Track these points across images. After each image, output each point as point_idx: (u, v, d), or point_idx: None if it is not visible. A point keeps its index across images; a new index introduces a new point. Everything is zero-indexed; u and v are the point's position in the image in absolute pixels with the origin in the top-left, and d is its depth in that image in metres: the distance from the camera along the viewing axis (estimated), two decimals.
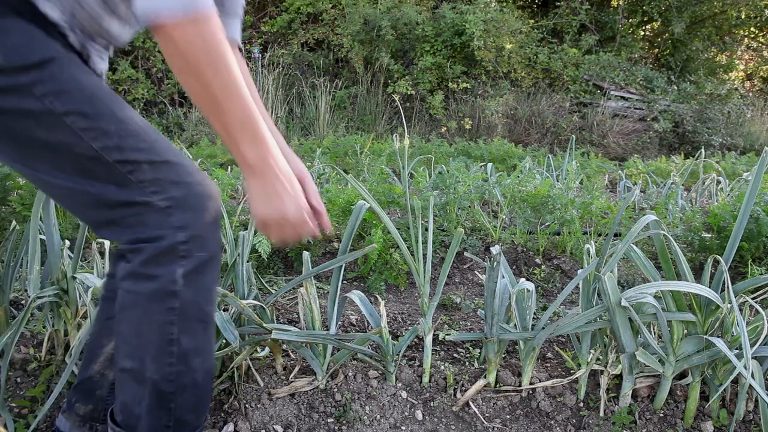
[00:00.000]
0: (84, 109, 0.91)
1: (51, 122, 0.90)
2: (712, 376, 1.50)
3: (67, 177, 0.94)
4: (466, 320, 2.12)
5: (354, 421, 1.47)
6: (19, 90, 0.88)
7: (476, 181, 3.16)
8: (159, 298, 0.98)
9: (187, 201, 0.96)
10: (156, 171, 0.94)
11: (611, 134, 7.82)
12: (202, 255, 0.98)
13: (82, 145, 0.91)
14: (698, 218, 2.74)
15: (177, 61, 0.88)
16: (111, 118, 0.93)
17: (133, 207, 0.95)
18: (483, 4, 8.03)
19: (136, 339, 1.01)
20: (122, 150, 0.93)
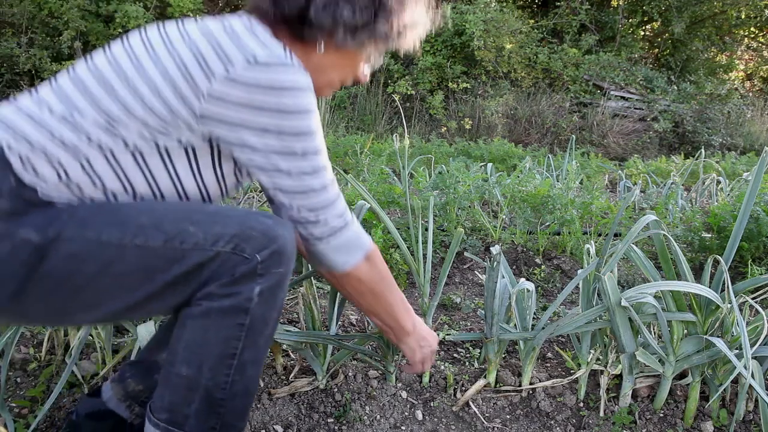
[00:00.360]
0: (111, 227, 0.92)
1: (93, 253, 0.91)
2: (712, 376, 1.49)
3: (135, 292, 0.96)
4: (466, 320, 2.12)
5: (354, 421, 1.47)
6: (53, 241, 0.90)
7: (476, 181, 3.16)
8: (231, 314, 1.00)
9: (246, 231, 0.97)
10: (204, 226, 0.96)
11: (611, 134, 7.82)
12: (279, 271, 1.01)
13: (128, 254, 0.92)
14: (698, 218, 2.74)
15: (363, 291, 1.15)
16: (137, 216, 0.95)
17: (206, 266, 0.97)
18: (483, 4, 8.03)
19: (198, 348, 1.02)
20: (164, 231, 0.94)
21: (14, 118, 0.94)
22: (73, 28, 7.45)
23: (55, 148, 0.93)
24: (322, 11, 1.00)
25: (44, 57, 7.45)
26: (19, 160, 0.91)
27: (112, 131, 0.95)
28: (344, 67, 1.13)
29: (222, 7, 9.58)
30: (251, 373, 1.08)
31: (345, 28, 1.02)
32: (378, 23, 1.05)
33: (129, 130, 0.95)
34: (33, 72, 7.55)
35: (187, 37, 0.97)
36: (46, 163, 0.92)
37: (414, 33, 1.13)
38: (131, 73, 0.95)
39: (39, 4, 7.61)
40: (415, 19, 1.12)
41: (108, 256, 0.92)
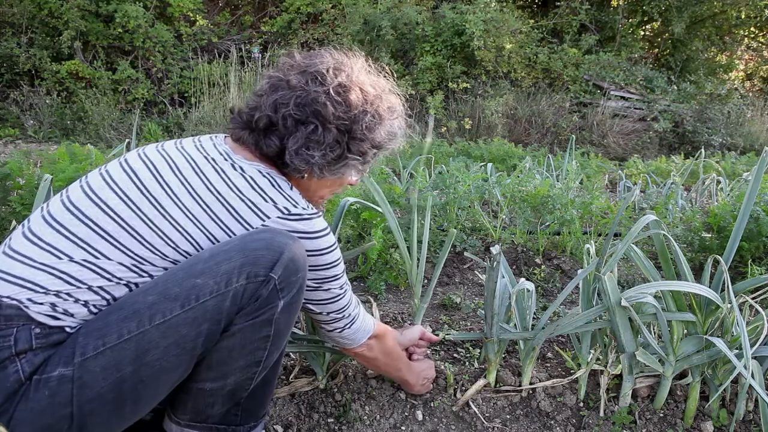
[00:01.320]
0: (126, 322, 0.94)
1: (123, 354, 0.92)
2: (712, 376, 1.49)
3: (179, 366, 0.98)
4: (466, 320, 2.12)
5: (354, 421, 1.46)
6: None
7: (476, 181, 3.16)
8: (257, 330, 1.03)
9: (251, 255, 0.99)
10: (209, 272, 0.97)
11: (611, 134, 7.82)
12: (297, 277, 1.05)
13: (155, 337, 0.93)
14: (698, 218, 2.74)
15: (369, 361, 1.39)
16: (144, 298, 0.96)
17: (230, 306, 0.98)
18: (483, 4, 8.02)
19: (223, 366, 1.04)
20: (175, 298, 0.95)
21: (28, 272, 0.95)
22: (73, 28, 7.44)
23: (81, 292, 0.96)
24: (296, 156, 1.10)
25: (44, 57, 7.45)
26: (49, 308, 0.93)
27: (138, 271, 0.99)
28: (331, 186, 1.25)
29: (222, 7, 9.58)
30: (273, 368, 1.14)
31: (319, 167, 1.13)
32: (350, 155, 1.14)
33: (156, 267, 1.00)
34: (33, 72, 7.55)
35: (217, 194, 1.04)
36: (74, 304, 0.95)
37: (393, 144, 1.21)
38: (158, 220, 1.00)
39: (39, 4, 7.61)
40: (391, 132, 1.19)
41: (137, 350, 0.92)
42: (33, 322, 0.92)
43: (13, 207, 2.23)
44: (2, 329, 0.91)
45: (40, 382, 0.89)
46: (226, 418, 1.13)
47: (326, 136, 1.10)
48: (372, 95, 1.16)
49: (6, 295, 0.93)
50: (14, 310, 0.92)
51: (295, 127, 1.09)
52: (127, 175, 1.05)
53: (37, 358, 0.91)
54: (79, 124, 7.07)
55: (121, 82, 7.59)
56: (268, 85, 1.15)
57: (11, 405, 0.88)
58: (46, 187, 1.50)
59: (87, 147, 3.47)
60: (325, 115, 1.09)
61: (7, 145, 6.28)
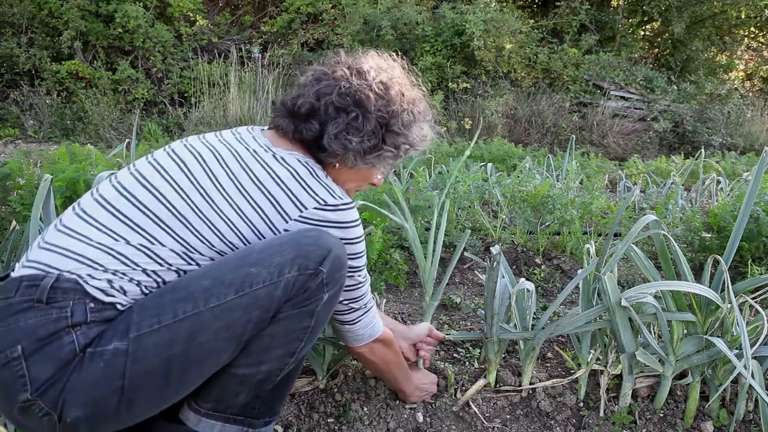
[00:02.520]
0: (181, 303, 0.98)
1: (175, 334, 0.96)
2: (712, 376, 1.49)
3: (226, 350, 1.02)
4: (466, 320, 2.12)
5: (354, 421, 1.47)
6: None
7: (476, 181, 3.16)
8: (300, 320, 1.07)
9: (302, 249, 1.04)
10: (263, 263, 1.02)
11: (611, 134, 7.81)
12: (341, 274, 1.10)
13: (207, 320, 0.97)
14: (698, 218, 2.74)
15: (370, 363, 1.38)
16: (199, 282, 1.00)
17: (280, 295, 1.02)
18: (483, 4, 8.02)
19: (261, 353, 1.08)
20: (230, 284, 0.99)
21: (89, 251, 1.01)
22: (73, 28, 7.44)
23: (135, 273, 1.01)
24: (334, 140, 1.15)
25: (44, 57, 7.45)
26: (106, 284, 0.99)
27: (187, 259, 1.04)
28: (358, 179, 1.28)
29: (222, 7, 9.58)
30: (298, 363, 1.17)
31: (354, 153, 1.17)
32: (385, 147, 1.20)
33: (203, 256, 1.05)
34: (33, 72, 7.55)
35: (260, 184, 1.09)
36: (129, 283, 1.01)
37: (423, 145, 1.26)
38: (207, 210, 1.05)
39: (39, 4, 7.60)
40: (421, 136, 1.25)
41: (190, 330, 0.97)
42: (88, 296, 0.97)
43: (13, 207, 2.23)
44: (59, 301, 0.95)
45: (95, 354, 0.93)
46: (245, 410, 1.15)
47: (366, 125, 1.15)
48: (409, 96, 1.23)
49: (66, 270, 0.98)
50: (72, 284, 0.97)
51: (336, 113, 1.15)
52: (177, 165, 1.10)
53: (91, 332, 0.95)
54: (79, 124, 7.07)
55: (121, 82, 7.59)
56: (312, 77, 1.20)
57: (65, 374, 0.91)
58: (46, 187, 1.50)
59: (87, 147, 3.47)
60: (367, 105, 1.15)
61: (7, 145, 6.28)
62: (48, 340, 0.92)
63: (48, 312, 0.94)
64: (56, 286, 0.96)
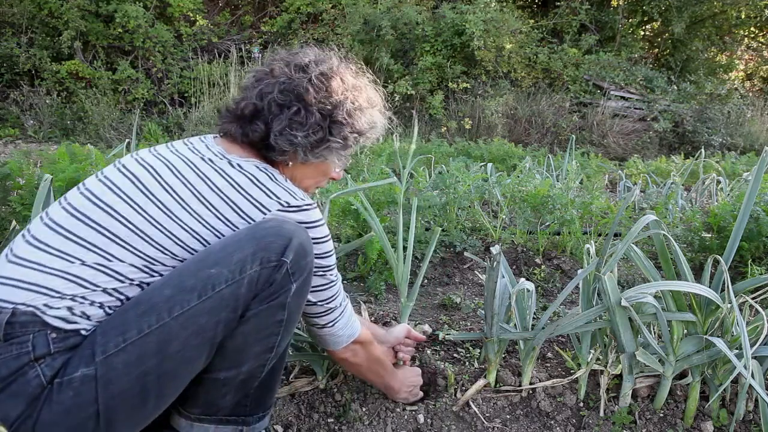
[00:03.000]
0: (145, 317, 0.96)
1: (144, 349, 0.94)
2: (712, 376, 1.49)
3: (200, 355, 1.01)
4: (466, 320, 2.12)
5: (354, 421, 1.46)
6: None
7: (476, 181, 3.16)
8: (271, 315, 1.05)
9: (262, 242, 1.02)
10: (223, 262, 1.00)
11: (611, 134, 7.81)
12: (307, 261, 1.08)
13: (175, 329, 0.95)
14: (698, 218, 2.74)
15: (353, 365, 1.37)
16: (160, 292, 0.98)
17: (245, 293, 1.01)
18: (483, 4, 8.02)
19: (238, 354, 1.07)
20: (191, 289, 0.97)
21: (42, 278, 0.96)
22: (73, 28, 7.44)
23: (96, 294, 0.98)
24: (280, 137, 1.14)
25: (44, 57, 7.45)
26: (66, 311, 0.95)
27: (149, 272, 1.02)
28: (315, 175, 1.27)
29: (222, 7, 9.58)
30: (281, 356, 1.16)
31: (302, 148, 1.16)
32: (332, 138, 1.18)
33: (166, 267, 1.03)
34: (33, 72, 7.55)
35: (220, 192, 1.07)
36: (90, 306, 0.97)
37: (373, 132, 1.25)
38: (165, 222, 1.03)
39: (39, 4, 7.60)
40: (370, 122, 1.23)
41: (158, 343, 0.94)
42: (49, 327, 0.93)
43: (13, 207, 2.23)
44: (18, 336, 0.92)
45: (62, 384, 0.90)
46: (236, 409, 1.15)
47: (308, 118, 1.15)
48: (352, 84, 1.22)
49: (21, 302, 0.93)
50: (29, 316, 0.93)
51: (279, 110, 1.14)
52: (130, 181, 1.07)
53: (56, 362, 0.92)
54: (79, 124, 7.07)
55: (121, 82, 7.59)
56: (253, 78, 1.21)
57: (35, 410, 0.89)
58: (46, 187, 1.50)
59: (87, 147, 3.47)
60: (308, 98, 1.15)
61: (7, 145, 6.28)
62: (12, 378, 0.90)
63: (8, 349, 0.91)
64: (12, 321, 0.92)
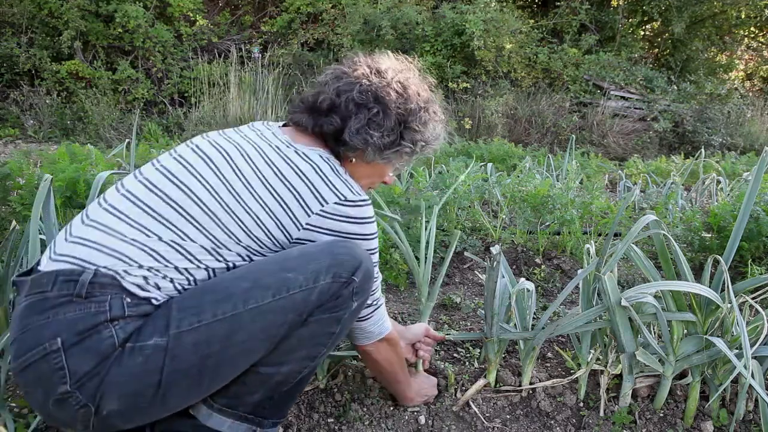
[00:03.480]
0: (221, 303, 1.01)
1: (214, 333, 0.99)
2: (712, 376, 1.49)
3: (259, 351, 1.06)
4: (466, 320, 2.12)
5: (354, 421, 1.47)
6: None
7: (476, 181, 3.16)
8: (327, 326, 1.11)
9: (337, 259, 1.08)
10: (300, 269, 1.06)
11: (611, 134, 7.81)
12: (368, 286, 1.14)
13: (245, 321, 1.01)
14: (698, 218, 2.74)
15: (373, 362, 1.37)
16: (239, 284, 1.03)
17: (313, 300, 1.06)
18: (483, 4, 8.02)
19: (286, 354, 1.11)
20: (268, 287, 1.02)
21: (123, 247, 1.02)
22: (73, 28, 7.44)
23: (168, 270, 1.03)
24: (356, 134, 1.18)
25: (44, 57, 7.45)
26: (142, 280, 1.01)
27: (216, 255, 1.06)
28: (373, 175, 1.31)
29: (222, 7, 9.58)
30: (315, 368, 1.19)
31: (374, 148, 1.21)
32: (403, 143, 1.24)
33: (231, 251, 1.07)
34: (33, 72, 7.55)
35: (284, 179, 1.11)
36: (163, 279, 1.03)
37: (437, 143, 1.30)
38: (234, 206, 1.07)
39: (39, 4, 7.60)
40: (435, 134, 1.29)
41: (228, 330, 0.99)
42: (125, 291, 0.99)
43: (13, 207, 2.23)
44: (97, 296, 0.97)
45: (134, 349, 0.95)
46: (256, 410, 1.17)
47: (386, 121, 1.19)
48: (425, 96, 1.28)
49: (103, 265, 0.99)
50: (109, 279, 0.98)
51: (357, 109, 1.18)
52: (203, 161, 1.12)
53: (129, 326, 0.97)
54: (79, 124, 7.07)
55: (121, 82, 7.59)
56: (332, 75, 1.24)
57: (104, 368, 0.94)
58: (46, 187, 1.50)
59: (87, 147, 3.47)
60: (388, 101, 1.19)
61: (7, 145, 6.28)
62: (87, 333, 0.94)
63: (87, 306, 0.96)
64: (94, 281, 0.97)
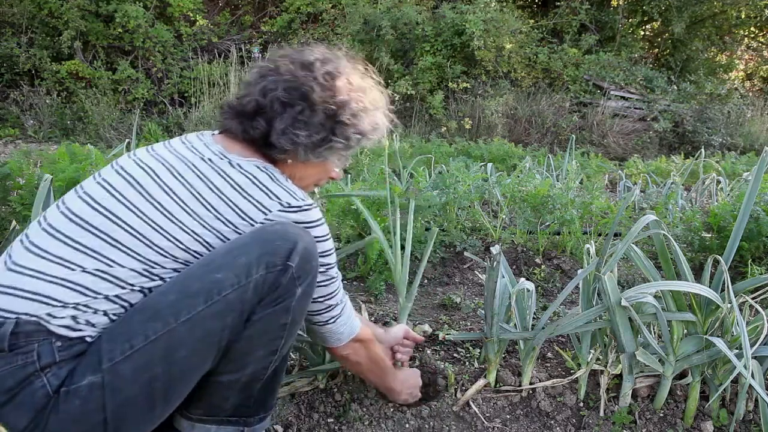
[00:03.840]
0: (150, 323, 0.96)
1: (151, 355, 0.94)
2: (712, 376, 1.49)
3: (206, 360, 1.01)
4: (466, 320, 2.12)
5: (354, 421, 1.47)
6: None
7: (476, 180, 3.16)
8: (276, 318, 1.05)
9: (268, 246, 1.02)
10: (229, 266, 0.99)
11: (611, 134, 7.82)
12: (312, 265, 1.08)
13: (181, 335, 0.95)
14: (698, 218, 2.74)
15: (353, 364, 1.35)
16: (165, 298, 0.98)
17: (251, 296, 1.01)
18: (483, 4, 8.02)
19: (242, 357, 1.06)
20: (197, 294, 0.97)
21: (43, 287, 0.95)
22: (73, 28, 7.44)
23: (98, 302, 0.97)
24: (282, 136, 1.12)
25: (44, 57, 7.45)
26: (70, 320, 0.94)
27: (149, 275, 1.00)
28: (315, 174, 1.25)
29: (222, 7, 9.58)
30: (284, 358, 1.16)
31: (304, 148, 1.14)
32: (335, 138, 1.16)
33: (166, 269, 1.01)
34: (33, 72, 7.55)
35: (220, 193, 1.06)
36: (94, 315, 0.96)
37: (375, 134, 1.23)
38: (165, 224, 1.01)
39: (39, 4, 7.60)
40: (373, 124, 1.21)
41: (165, 349, 0.94)
42: (53, 335, 0.93)
43: (13, 207, 2.23)
44: (23, 346, 0.91)
45: (69, 393, 0.90)
46: (238, 410, 1.15)
47: (312, 118, 1.13)
48: (357, 86, 1.19)
49: (24, 312, 0.92)
50: (33, 326, 0.92)
51: (283, 108, 1.12)
52: (128, 183, 1.05)
53: (62, 371, 0.91)
54: (79, 124, 7.07)
55: (121, 82, 7.59)
56: (257, 74, 1.17)
57: (42, 419, 0.89)
58: (46, 187, 1.50)
59: (87, 147, 3.47)
60: (313, 98, 1.12)
61: (7, 145, 6.28)
62: (18, 388, 0.89)
63: (13, 360, 0.90)
64: (17, 331, 0.91)
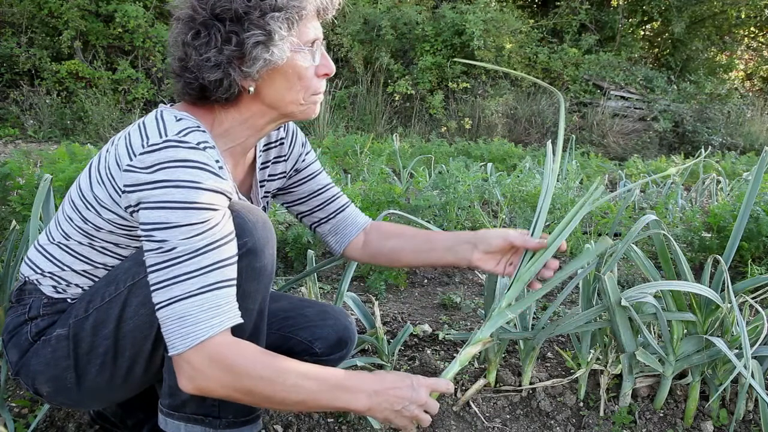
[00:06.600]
0: (106, 287, 1.08)
1: (106, 314, 1.07)
2: (712, 375, 1.49)
3: (151, 318, 1.02)
4: (466, 320, 2.12)
5: (354, 421, 1.47)
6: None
7: (476, 180, 3.16)
8: None
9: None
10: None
11: (611, 134, 7.82)
12: (244, 241, 1.02)
13: (130, 297, 1.05)
14: (698, 218, 2.74)
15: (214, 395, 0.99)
16: (121, 267, 1.09)
17: None
18: (483, 4, 8.03)
19: None
20: (142, 263, 1.00)
21: (35, 255, 1.14)
22: (73, 28, 7.44)
23: (67, 275, 1.11)
24: (202, 71, 0.99)
25: (44, 57, 7.45)
26: (52, 287, 1.12)
27: (92, 246, 1.09)
28: (290, 86, 1.06)
29: None
30: None
31: (228, 67, 0.99)
32: (247, 33, 0.98)
33: (103, 240, 1.09)
34: (33, 72, 7.55)
35: (112, 148, 1.05)
36: (67, 287, 1.12)
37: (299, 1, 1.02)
38: (86, 190, 1.07)
39: (39, 4, 7.60)
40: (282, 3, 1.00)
41: (118, 309, 1.05)
42: (44, 295, 1.12)
43: (13, 207, 2.23)
44: (24, 300, 1.13)
45: (44, 342, 1.09)
46: (203, 408, 1.08)
47: (209, 32, 0.98)
48: None
49: (27, 275, 1.14)
50: (32, 286, 1.13)
51: (189, 47, 1.01)
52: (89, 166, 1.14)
53: (42, 323, 1.11)
54: (79, 124, 7.07)
55: (121, 82, 7.59)
56: (171, 32, 1.07)
57: (27, 359, 1.09)
58: (46, 187, 1.50)
59: (87, 147, 3.47)
60: (197, 15, 0.98)
61: (7, 145, 6.28)
62: (15, 331, 1.12)
63: (16, 309, 1.13)
64: (23, 288, 1.14)
